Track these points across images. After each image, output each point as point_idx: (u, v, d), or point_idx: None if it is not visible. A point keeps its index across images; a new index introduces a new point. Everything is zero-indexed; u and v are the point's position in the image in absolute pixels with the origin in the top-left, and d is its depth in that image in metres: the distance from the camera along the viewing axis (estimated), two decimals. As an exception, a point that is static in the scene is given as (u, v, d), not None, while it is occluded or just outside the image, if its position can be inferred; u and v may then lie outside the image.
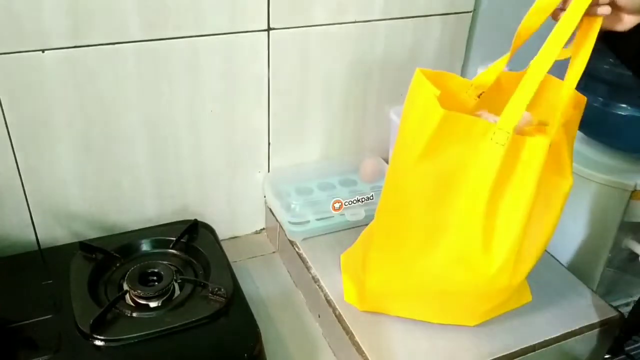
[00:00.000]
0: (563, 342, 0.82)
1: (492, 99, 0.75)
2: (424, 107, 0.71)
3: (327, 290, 0.87)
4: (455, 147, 0.70)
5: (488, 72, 0.76)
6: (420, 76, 0.73)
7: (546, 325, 0.83)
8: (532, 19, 0.70)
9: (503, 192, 0.72)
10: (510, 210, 0.73)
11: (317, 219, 0.98)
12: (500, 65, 0.75)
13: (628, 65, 0.74)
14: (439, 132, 0.69)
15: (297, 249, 0.96)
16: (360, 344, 0.78)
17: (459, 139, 0.70)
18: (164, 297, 0.77)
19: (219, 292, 0.77)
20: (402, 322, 0.82)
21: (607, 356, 0.91)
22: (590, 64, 0.71)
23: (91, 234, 0.94)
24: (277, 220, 1.01)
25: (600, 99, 1.06)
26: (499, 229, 0.73)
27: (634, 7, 0.67)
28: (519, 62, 0.74)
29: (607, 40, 0.71)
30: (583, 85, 0.74)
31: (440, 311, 0.82)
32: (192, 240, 0.88)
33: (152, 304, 0.77)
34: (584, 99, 0.75)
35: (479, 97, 0.76)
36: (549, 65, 0.67)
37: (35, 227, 0.91)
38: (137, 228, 0.93)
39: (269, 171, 1.06)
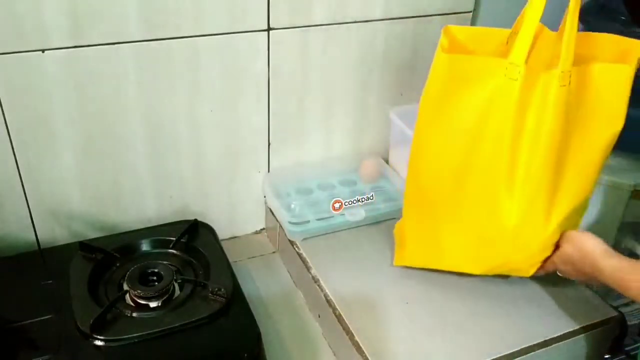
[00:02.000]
0: (563, 342, 0.82)
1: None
2: (435, 59, 0.74)
3: (327, 290, 0.87)
4: (469, 90, 0.72)
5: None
6: (442, 34, 0.76)
7: (546, 325, 0.83)
8: None
9: (524, 133, 0.73)
10: (532, 152, 0.74)
11: (317, 219, 0.98)
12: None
13: None
14: (450, 76, 0.72)
15: (297, 249, 0.96)
16: (360, 344, 0.78)
17: (471, 80, 0.71)
18: (164, 297, 0.77)
19: (219, 292, 0.77)
20: (402, 322, 0.82)
21: (607, 356, 0.91)
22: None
23: (91, 234, 0.94)
24: (277, 220, 1.01)
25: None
26: (521, 173, 0.75)
27: None
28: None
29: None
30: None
31: (483, 260, 0.83)
32: (192, 240, 0.88)
33: (152, 304, 0.76)
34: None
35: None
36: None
37: (35, 227, 0.91)
38: (137, 228, 0.93)
39: (269, 171, 1.06)
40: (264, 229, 1.11)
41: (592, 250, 0.75)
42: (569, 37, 0.70)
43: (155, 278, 0.80)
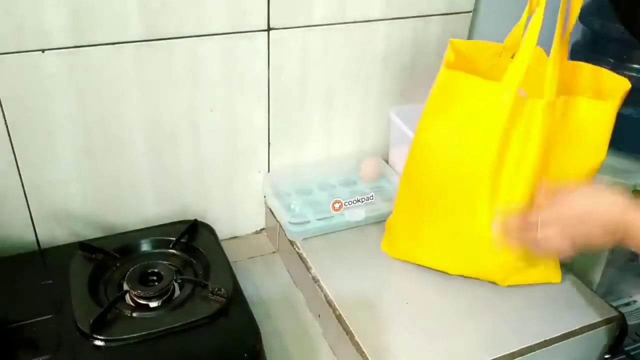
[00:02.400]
0: (563, 342, 0.82)
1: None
2: (440, 72, 0.80)
3: (327, 290, 0.87)
4: (463, 105, 0.78)
5: (516, 31, 0.84)
6: (448, 48, 0.83)
7: (546, 325, 0.83)
8: None
9: (508, 153, 0.78)
10: (515, 172, 0.78)
11: (317, 219, 0.98)
12: (522, 22, 0.83)
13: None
14: (449, 89, 0.78)
15: (297, 249, 0.96)
16: (360, 344, 0.78)
17: (466, 97, 0.77)
18: (164, 297, 0.77)
19: (219, 292, 0.77)
20: (402, 322, 0.82)
21: (607, 356, 0.91)
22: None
23: (91, 234, 0.94)
24: (277, 220, 1.01)
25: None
26: (503, 189, 0.79)
27: None
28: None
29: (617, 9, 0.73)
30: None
31: (457, 262, 0.88)
32: (192, 240, 0.88)
33: (152, 304, 0.76)
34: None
35: (512, 57, 0.82)
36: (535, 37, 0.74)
37: (35, 227, 0.91)
38: (137, 228, 0.93)
39: (269, 171, 1.06)
40: (264, 229, 1.11)
41: (614, 202, 0.64)
42: (553, 68, 0.75)
43: (155, 278, 0.80)
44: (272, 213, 1.03)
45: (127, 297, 0.78)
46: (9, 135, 0.82)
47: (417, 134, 0.85)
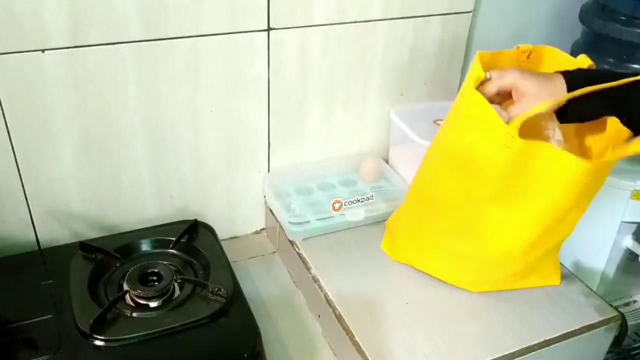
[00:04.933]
0: (563, 342, 0.82)
1: None
2: (464, 88, 0.77)
3: (327, 290, 0.87)
4: (476, 128, 0.75)
5: None
6: (477, 59, 0.78)
7: (546, 325, 0.83)
8: None
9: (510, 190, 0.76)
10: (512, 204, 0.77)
11: (317, 219, 0.98)
12: None
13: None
14: (469, 107, 0.76)
15: (297, 249, 0.96)
16: (360, 344, 0.78)
17: (480, 124, 0.74)
18: (164, 297, 0.77)
19: (219, 292, 0.77)
20: (402, 322, 0.82)
21: (607, 356, 0.91)
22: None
23: (91, 234, 0.94)
24: (277, 220, 1.01)
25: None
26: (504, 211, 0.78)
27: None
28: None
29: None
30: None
31: (453, 272, 0.88)
32: (192, 240, 0.88)
33: (152, 304, 0.77)
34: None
35: (528, 57, 0.84)
36: None
37: (35, 227, 0.91)
38: (137, 228, 0.93)
39: (268, 171, 1.06)
40: (264, 229, 1.11)
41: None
42: None
43: (155, 278, 0.80)
44: (272, 213, 1.03)
45: (127, 297, 0.78)
46: (9, 135, 0.82)
47: (440, 141, 0.83)
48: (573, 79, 0.73)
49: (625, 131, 0.72)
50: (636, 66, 1.07)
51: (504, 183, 0.75)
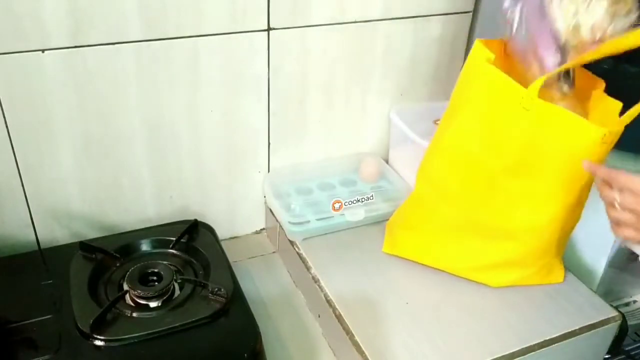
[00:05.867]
0: (563, 342, 0.82)
1: None
2: (475, 67, 0.81)
3: (327, 290, 0.87)
4: (491, 103, 0.77)
5: None
6: (479, 44, 0.82)
7: (546, 325, 0.83)
8: None
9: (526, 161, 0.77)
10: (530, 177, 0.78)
11: (317, 219, 0.98)
12: None
13: None
14: (482, 87, 0.79)
15: (297, 249, 0.96)
16: (360, 344, 0.78)
17: (496, 96, 0.77)
18: (164, 297, 0.77)
19: (219, 292, 0.77)
20: (402, 322, 0.82)
21: (607, 356, 0.91)
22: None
23: (91, 234, 0.94)
24: (277, 220, 1.01)
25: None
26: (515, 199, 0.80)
27: None
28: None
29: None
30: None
31: (459, 261, 0.89)
32: (192, 240, 0.88)
33: (152, 304, 0.77)
34: None
35: None
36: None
37: (35, 227, 0.91)
38: (137, 228, 0.93)
39: (268, 171, 1.06)
40: (264, 229, 1.11)
41: None
42: None
43: (155, 278, 0.80)
44: (272, 213, 1.03)
45: (127, 297, 0.78)
46: (9, 135, 0.82)
47: (441, 124, 0.85)
48: None
49: (616, 105, 0.77)
50: (635, 69, 1.06)
51: (523, 152, 0.77)
